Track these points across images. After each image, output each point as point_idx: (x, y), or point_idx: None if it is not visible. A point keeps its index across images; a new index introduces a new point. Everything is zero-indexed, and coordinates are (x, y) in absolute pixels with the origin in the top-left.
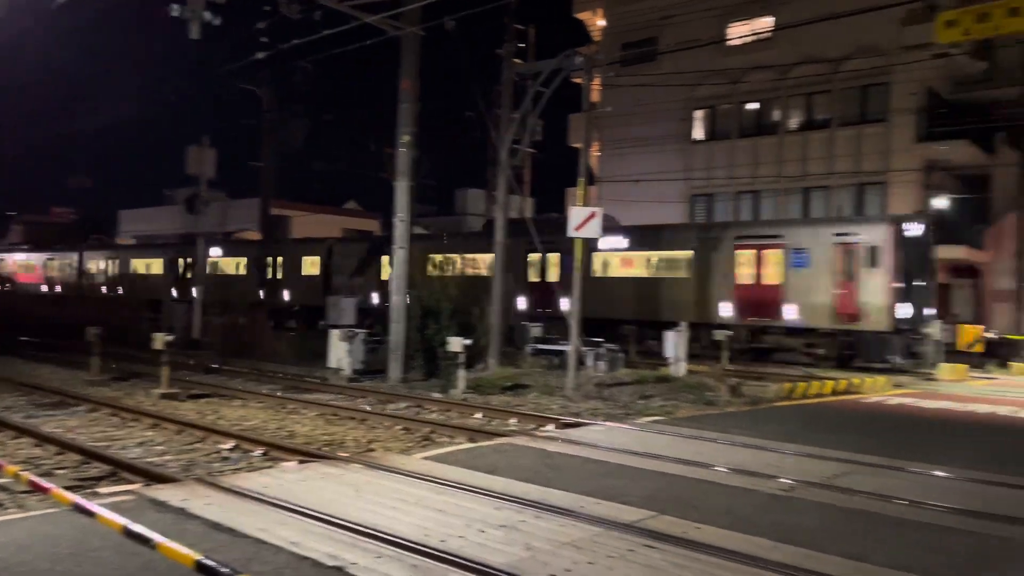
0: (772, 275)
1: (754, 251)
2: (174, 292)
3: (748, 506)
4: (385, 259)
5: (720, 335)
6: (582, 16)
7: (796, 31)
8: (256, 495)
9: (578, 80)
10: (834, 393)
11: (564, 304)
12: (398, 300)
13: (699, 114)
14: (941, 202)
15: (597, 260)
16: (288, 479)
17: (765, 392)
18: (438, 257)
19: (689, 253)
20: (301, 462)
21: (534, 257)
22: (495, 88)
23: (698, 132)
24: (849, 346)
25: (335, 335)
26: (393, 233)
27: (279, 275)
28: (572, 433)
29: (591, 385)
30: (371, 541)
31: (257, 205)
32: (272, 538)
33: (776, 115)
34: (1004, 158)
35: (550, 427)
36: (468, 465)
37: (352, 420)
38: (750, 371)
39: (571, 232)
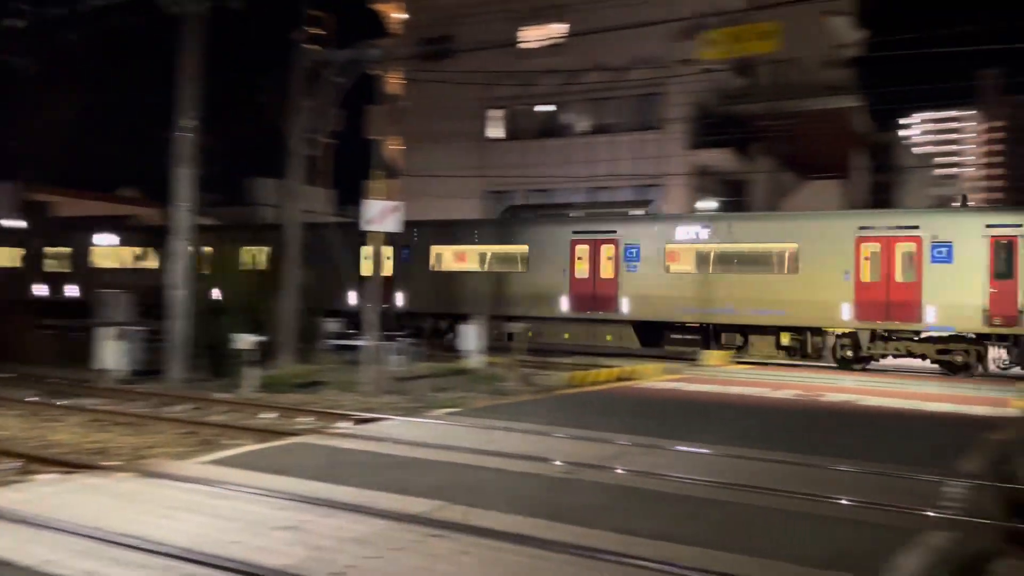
0: (906, 272)
1: (881, 244)
2: (38, 289)
3: (531, 490)
4: (366, 250)
5: (514, 327)
6: (377, 7)
7: (584, 39)
8: (4, 512)
9: (377, 72)
10: (616, 380)
11: (624, 306)
12: (180, 295)
13: (495, 113)
14: (708, 204)
15: (673, 254)
16: (45, 493)
17: (554, 381)
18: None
19: (793, 245)
20: (63, 474)
21: (583, 249)
22: (289, 74)
23: (494, 131)
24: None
25: (107, 333)
26: (173, 224)
27: (207, 269)
28: (366, 429)
29: (389, 380)
30: (138, 553)
31: (13, 190)
32: (21, 557)
33: (566, 118)
34: (760, 165)
35: (344, 424)
36: (253, 467)
37: (125, 426)
38: (540, 361)
39: (366, 226)
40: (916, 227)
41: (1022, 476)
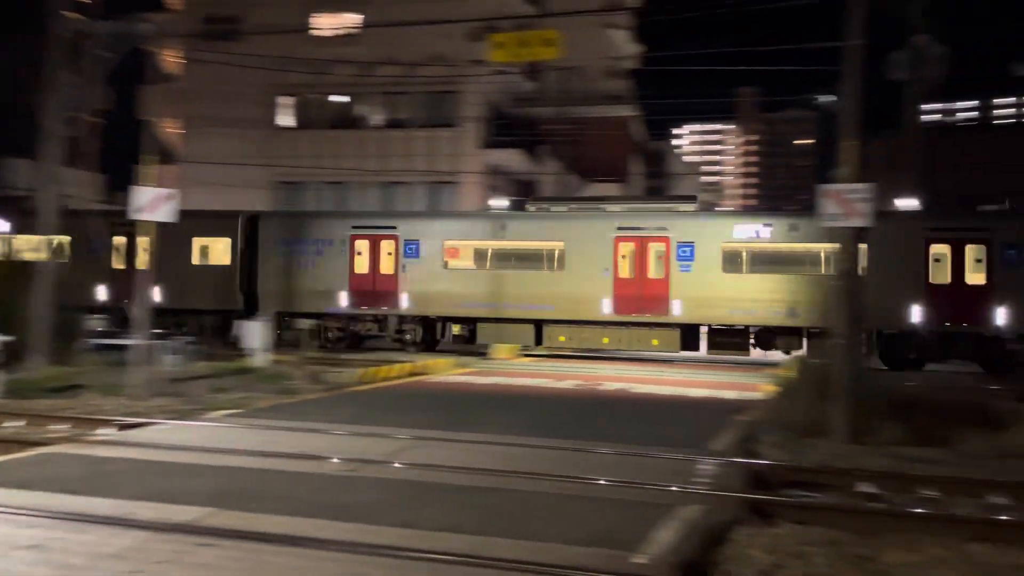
0: (977, 275)
1: (952, 246)
2: None
3: (311, 490)
4: (362, 244)
5: (303, 324)
6: None
7: (379, 32)
8: None
9: (154, 48)
10: (408, 375)
11: (677, 308)
12: None
13: (285, 101)
14: (500, 203)
15: (730, 253)
16: None
17: (345, 378)
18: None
19: (861, 246)
20: None
21: (627, 247)
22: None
23: (283, 119)
24: None
25: None
26: None
27: (142, 263)
28: (131, 435)
29: (162, 381)
30: None
31: None
32: None
33: (360, 110)
34: (547, 167)
35: (106, 430)
36: None
37: None
38: (332, 358)
39: (136, 215)
40: (986, 229)
41: (763, 453)
